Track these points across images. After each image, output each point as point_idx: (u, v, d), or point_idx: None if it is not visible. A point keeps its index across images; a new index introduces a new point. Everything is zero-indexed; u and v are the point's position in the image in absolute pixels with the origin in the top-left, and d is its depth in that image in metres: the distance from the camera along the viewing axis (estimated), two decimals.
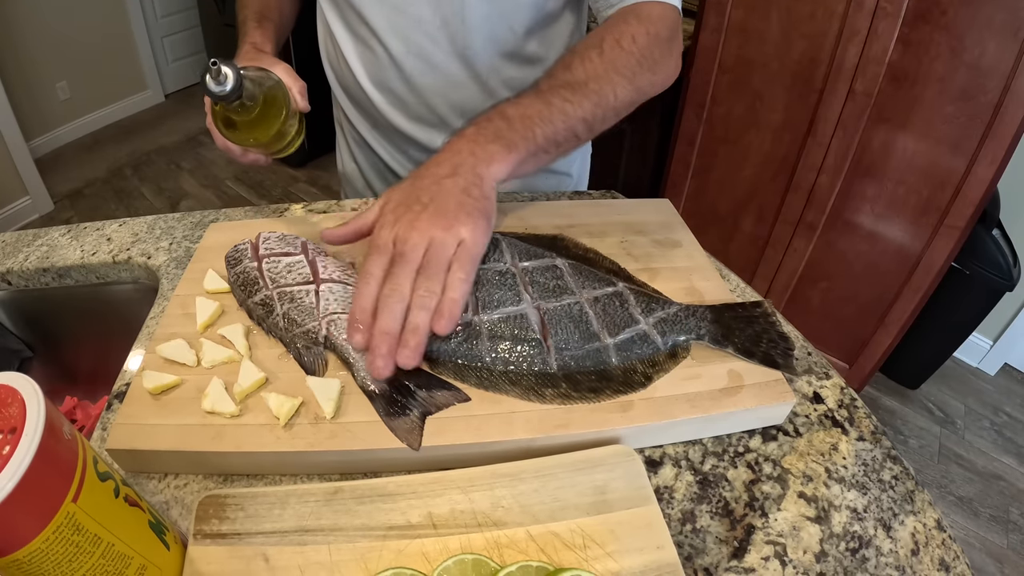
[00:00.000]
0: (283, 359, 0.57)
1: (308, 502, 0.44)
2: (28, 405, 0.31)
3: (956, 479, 1.94)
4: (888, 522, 0.49)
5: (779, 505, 0.49)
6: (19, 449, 0.30)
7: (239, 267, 0.64)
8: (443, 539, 0.42)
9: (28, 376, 0.33)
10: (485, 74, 0.84)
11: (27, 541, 0.31)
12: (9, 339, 0.87)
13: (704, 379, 0.55)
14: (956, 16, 1.40)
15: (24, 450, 0.29)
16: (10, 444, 0.30)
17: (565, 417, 0.51)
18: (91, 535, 0.33)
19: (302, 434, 0.49)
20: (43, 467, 0.30)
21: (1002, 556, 1.74)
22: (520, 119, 0.60)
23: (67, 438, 0.33)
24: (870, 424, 0.56)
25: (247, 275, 0.62)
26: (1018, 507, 1.86)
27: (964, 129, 1.50)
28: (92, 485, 0.34)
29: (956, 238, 1.63)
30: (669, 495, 0.50)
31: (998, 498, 1.89)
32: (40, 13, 3.41)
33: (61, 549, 0.32)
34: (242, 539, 0.42)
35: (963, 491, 1.90)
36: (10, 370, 0.88)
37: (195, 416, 0.51)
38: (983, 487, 1.92)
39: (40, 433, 0.30)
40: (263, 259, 0.63)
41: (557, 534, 0.42)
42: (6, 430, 0.31)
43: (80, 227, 0.86)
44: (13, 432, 0.30)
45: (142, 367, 0.55)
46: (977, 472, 1.96)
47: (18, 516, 0.30)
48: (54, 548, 0.32)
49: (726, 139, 1.96)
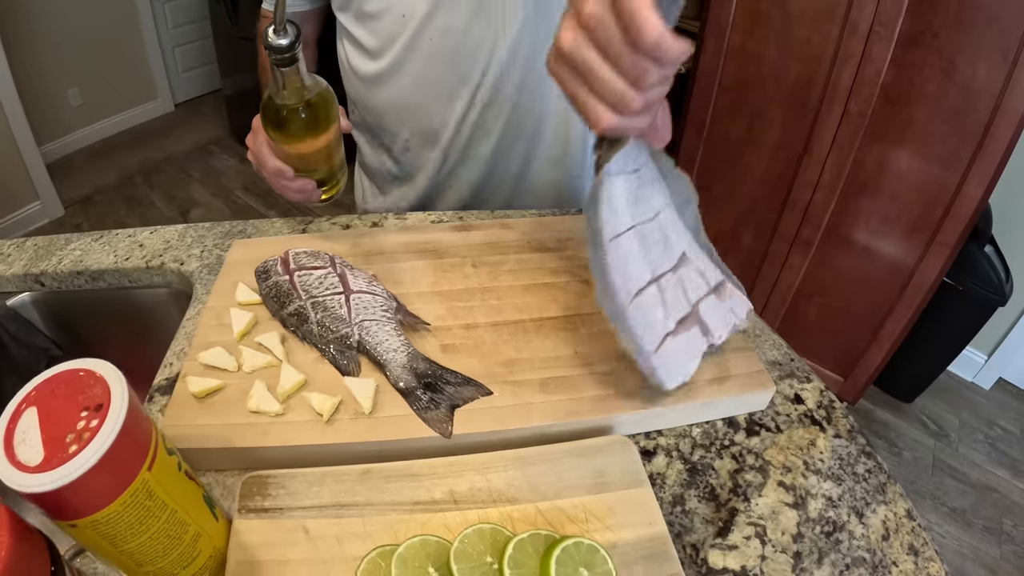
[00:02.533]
0: (318, 363, 0.62)
1: (343, 481, 0.49)
2: (112, 385, 0.37)
3: (950, 491, 1.96)
4: (861, 510, 0.54)
5: (760, 492, 0.55)
6: (107, 422, 0.35)
7: (270, 281, 0.69)
8: (463, 512, 0.47)
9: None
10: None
11: (108, 503, 0.36)
12: (39, 338, 0.92)
13: (695, 371, 0.60)
14: (947, 39, 1.46)
15: (112, 423, 0.35)
16: (97, 418, 0.35)
17: (575, 407, 0.57)
18: (159, 501, 0.39)
19: (343, 428, 0.55)
20: (126, 439, 0.35)
21: (995, 567, 1.76)
22: None
23: (144, 415, 0.38)
24: (847, 423, 0.61)
25: (280, 288, 0.67)
26: (1011, 518, 1.89)
27: (955, 148, 1.54)
28: (162, 458, 0.39)
29: (947, 254, 1.67)
30: (661, 481, 0.55)
31: (991, 509, 1.91)
32: (53, 20, 3.46)
33: (134, 512, 0.37)
34: (283, 513, 0.47)
35: (957, 502, 1.93)
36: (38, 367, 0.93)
37: (240, 416, 0.56)
38: (977, 499, 1.94)
39: (126, 409, 0.35)
40: (294, 272, 0.68)
41: (562, 509, 0.47)
42: (92, 407, 0.36)
43: (112, 233, 0.91)
44: (99, 408, 0.36)
45: (184, 373, 0.60)
46: (971, 484, 1.98)
47: (103, 481, 0.35)
48: (128, 511, 0.37)
49: (725, 157, 2.02)
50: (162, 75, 4.27)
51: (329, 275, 0.68)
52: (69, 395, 0.37)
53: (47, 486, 0.33)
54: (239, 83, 3.60)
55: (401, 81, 0.89)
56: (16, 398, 0.37)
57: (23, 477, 0.33)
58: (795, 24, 1.67)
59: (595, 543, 0.44)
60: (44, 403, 0.37)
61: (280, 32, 0.54)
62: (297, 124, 0.62)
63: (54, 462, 0.34)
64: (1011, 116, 1.42)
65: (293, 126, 0.62)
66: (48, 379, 0.38)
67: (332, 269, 0.69)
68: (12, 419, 0.36)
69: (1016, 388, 2.32)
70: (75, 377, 0.38)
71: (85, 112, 3.87)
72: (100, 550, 0.39)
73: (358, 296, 0.65)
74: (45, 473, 0.33)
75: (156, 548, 0.40)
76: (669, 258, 0.58)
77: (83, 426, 0.35)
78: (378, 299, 0.65)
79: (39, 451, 0.34)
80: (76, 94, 3.76)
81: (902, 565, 0.51)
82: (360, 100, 0.97)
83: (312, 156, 0.67)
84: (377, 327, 0.62)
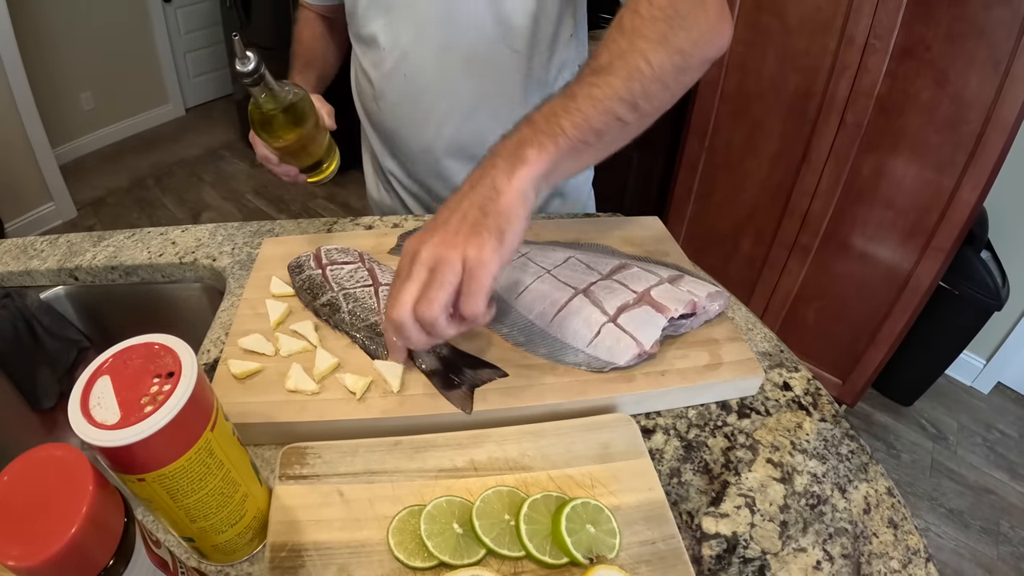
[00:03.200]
0: (349, 348, 0.68)
1: (375, 452, 0.55)
2: (183, 356, 0.42)
3: (947, 492, 1.98)
4: (844, 486, 0.59)
5: (750, 468, 0.60)
6: (180, 386, 0.40)
7: (303, 274, 0.75)
8: (482, 479, 0.53)
9: (87, 367, 0.43)
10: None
11: (176, 459, 0.41)
12: (70, 330, 0.97)
13: (691, 358, 0.67)
14: (941, 51, 1.50)
15: (184, 387, 0.40)
16: (170, 384, 0.40)
17: (583, 388, 0.62)
18: (218, 460, 0.44)
19: (375, 405, 0.61)
20: (195, 401, 0.40)
21: (992, 567, 1.78)
22: (544, 119, 0.57)
23: (207, 383, 0.43)
24: (832, 409, 0.67)
25: (313, 281, 0.74)
26: (1008, 520, 1.90)
27: (949, 156, 1.58)
28: (221, 422, 0.44)
29: (943, 259, 1.71)
30: (659, 456, 0.60)
31: (989, 511, 1.93)
32: (67, 25, 3.52)
33: (196, 468, 0.42)
34: (320, 480, 0.53)
35: (954, 503, 1.94)
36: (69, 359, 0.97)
37: (279, 395, 0.62)
38: (974, 500, 1.96)
39: (195, 375, 0.41)
40: (327, 267, 0.75)
41: (571, 476, 0.53)
42: (164, 374, 0.41)
43: (144, 231, 0.96)
44: (171, 376, 0.41)
45: (225, 357, 0.66)
46: (968, 486, 2.00)
47: (174, 437, 0.40)
48: (192, 466, 0.42)
49: (726, 165, 2.06)
50: (173, 80, 4.32)
51: (359, 269, 0.74)
52: (142, 365, 0.42)
53: (125, 440, 0.38)
54: None
55: (384, 104, 0.96)
56: (89, 369, 0.42)
57: (102, 433, 0.38)
58: (794, 36, 1.72)
59: (600, 504, 0.50)
60: (117, 372, 0.42)
61: (243, 61, 0.63)
62: (272, 126, 0.72)
63: (131, 420, 0.38)
64: (1002, 126, 1.47)
65: (269, 127, 0.72)
66: (121, 351, 0.43)
67: (361, 264, 0.75)
68: (87, 386, 0.41)
69: (1014, 392, 2.34)
70: (148, 350, 0.43)
71: (97, 115, 3.92)
72: (160, 504, 0.44)
73: (386, 288, 0.72)
74: (123, 430, 0.38)
75: (210, 504, 0.45)
76: (597, 273, 0.73)
77: (156, 390, 0.40)
78: None
79: (115, 412, 0.39)
80: (89, 98, 3.82)
81: (882, 536, 0.55)
82: (362, 105, 1.04)
83: (289, 148, 0.76)
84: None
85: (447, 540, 0.48)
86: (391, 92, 0.94)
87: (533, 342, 0.67)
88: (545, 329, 0.68)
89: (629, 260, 0.77)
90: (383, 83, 0.93)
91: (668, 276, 0.72)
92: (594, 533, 0.48)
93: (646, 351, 0.63)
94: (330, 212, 3.41)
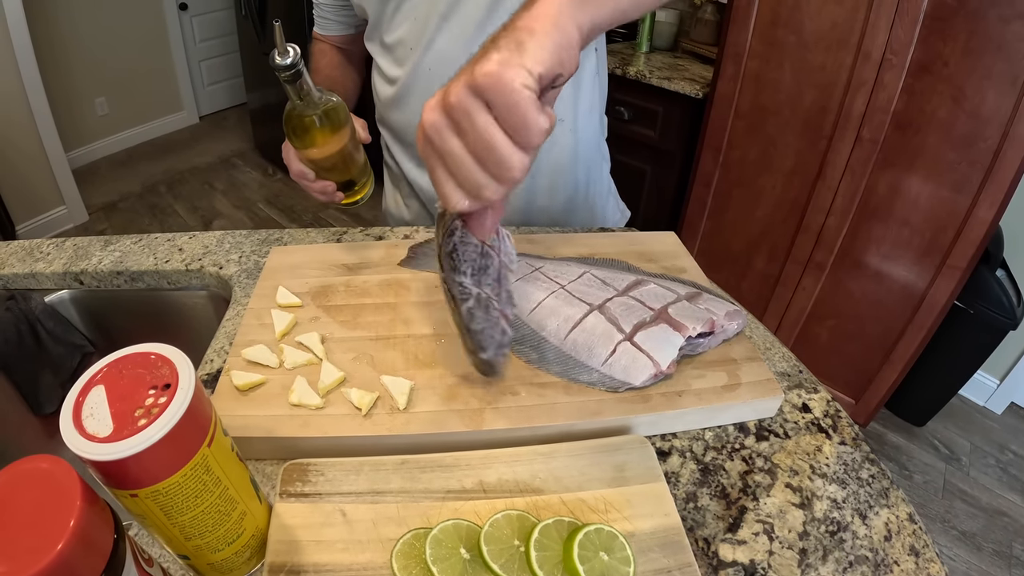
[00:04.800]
0: (356, 362, 0.66)
1: (380, 470, 0.53)
2: (180, 367, 0.40)
3: (960, 514, 1.95)
4: (864, 512, 0.57)
5: (768, 492, 0.57)
6: (176, 399, 0.38)
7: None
8: (491, 501, 0.51)
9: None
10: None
11: (170, 474, 0.39)
12: (74, 334, 0.95)
13: (708, 378, 0.64)
14: (957, 67, 1.49)
15: (180, 400, 0.38)
16: (166, 396, 0.39)
17: (597, 408, 0.60)
18: (215, 477, 0.42)
19: (381, 422, 0.58)
20: (191, 415, 0.39)
21: None
22: None
23: (206, 396, 0.42)
24: (852, 432, 0.64)
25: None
26: (1021, 543, 1.87)
27: (965, 174, 1.57)
28: (219, 437, 0.42)
29: (958, 277, 1.69)
30: (675, 479, 0.58)
31: (1002, 533, 1.90)
32: (84, 31, 3.56)
33: (192, 485, 0.41)
34: (322, 498, 0.51)
35: (966, 526, 1.91)
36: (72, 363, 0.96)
37: (282, 408, 0.60)
38: (987, 522, 1.93)
39: (193, 387, 0.39)
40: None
41: (584, 500, 0.51)
42: (160, 386, 0.40)
43: (152, 237, 0.95)
44: (167, 387, 0.39)
45: (228, 368, 0.64)
46: (981, 508, 1.97)
47: (169, 452, 0.38)
48: (188, 483, 0.40)
49: (740, 181, 2.05)
50: (188, 87, 4.36)
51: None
52: (137, 375, 0.40)
53: (116, 454, 0.36)
54: (264, 98, 3.67)
55: (408, 105, 0.95)
56: (83, 378, 0.40)
57: (93, 446, 0.36)
58: (810, 51, 1.71)
59: (615, 530, 0.47)
60: (112, 382, 0.40)
61: (283, 54, 0.62)
62: (309, 131, 0.70)
63: (124, 433, 0.37)
64: (1020, 143, 1.45)
65: (305, 133, 0.70)
66: (116, 360, 0.41)
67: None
68: (80, 395, 0.39)
69: None
70: (144, 359, 0.41)
71: (111, 121, 3.96)
72: (154, 521, 0.42)
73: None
74: (115, 443, 0.36)
75: (207, 522, 0.44)
76: (612, 289, 0.71)
77: (151, 402, 0.38)
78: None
79: (108, 424, 0.38)
80: (103, 103, 3.85)
81: (903, 564, 0.53)
82: (383, 120, 1.04)
83: (327, 160, 0.74)
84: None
85: (454, 566, 0.46)
86: (416, 88, 0.92)
87: (546, 359, 0.65)
88: (559, 346, 0.66)
89: (646, 276, 0.75)
90: (409, 80, 0.92)
91: (686, 293, 0.70)
92: (608, 561, 0.46)
93: (663, 371, 0.61)
94: (341, 223, 3.41)
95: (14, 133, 2.90)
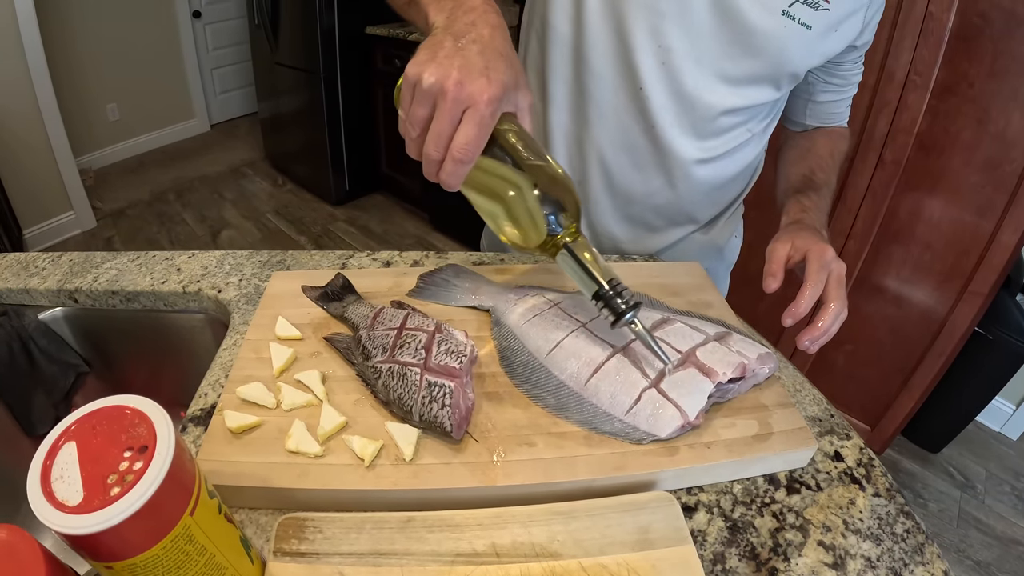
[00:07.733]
0: (358, 404, 0.61)
1: (383, 529, 0.48)
2: (158, 426, 0.36)
3: (975, 543, 1.91)
4: (899, 571, 0.52)
5: (800, 551, 0.53)
6: (152, 466, 0.34)
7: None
8: (505, 567, 0.46)
9: (84, 393, 0.37)
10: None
11: (147, 548, 0.35)
12: (69, 353, 0.92)
13: (738, 427, 0.60)
14: (982, 88, 1.45)
15: (157, 468, 0.34)
16: (142, 460, 0.35)
17: (620, 461, 0.55)
18: (199, 546, 0.38)
19: (385, 474, 0.54)
20: (170, 484, 0.35)
21: None
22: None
23: (189, 458, 0.38)
24: (886, 482, 0.60)
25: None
26: None
27: (989, 197, 1.53)
28: (204, 501, 0.38)
29: (980, 303, 1.65)
30: (702, 538, 0.54)
31: (1017, 563, 1.86)
32: (96, 36, 3.57)
33: (173, 557, 0.37)
34: (320, 559, 0.46)
35: (981, 555, 1.87)
36: (66, 383, 0.93)
37: (279, 455, 0.55)
38: (1002, 552, 1.89)
39: (172, 453, 0.35)
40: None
41: (605, 566, 0.46)
42: (136, 448, 0.36)
43: (149, 255, 0.91)
44: (144, 450, 0.35)
45: (221, 407, 0.59)
46: (996, 537, 1.93)
47: (147, 525, 0.34)
48: (168, 555, 0.36)
49: (757, 204, 2.00)
50: (200, 95, 4.36)
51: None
52: (112, 433, 0.36)
53: (87, 529, 0.32)
54: (275, 107, 3.65)
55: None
56: (54, 432, 0.36)
57: (62, 518, 0.32)
58: None
59: None
60: (84, 439, 0.36)
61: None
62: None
63: (95, 504, 0.33)
64: None
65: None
66: (89, 414, 0.37)
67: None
68: (50, 453, 0.35)
69: None
70: (119, 414, 0.37)
71: (122, 127, 3.96)
72: None
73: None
74: (85, 515, 0.32)
75: None
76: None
77: (126, 467, 0.34)
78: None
79: (78, 490, 0.34)
80: (115, 109, 3.86)
81: None
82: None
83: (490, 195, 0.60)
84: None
85: None
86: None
87: (566, 407, 0.60)
88: (579, 392, 0.61)
89: (672, 315, 0.70)
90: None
91: (715, 334, 0.65)
92: None
93: (690, 423, 0.57)
94: (351, 236, 3.37)
95: (24, 136, 2.89)
